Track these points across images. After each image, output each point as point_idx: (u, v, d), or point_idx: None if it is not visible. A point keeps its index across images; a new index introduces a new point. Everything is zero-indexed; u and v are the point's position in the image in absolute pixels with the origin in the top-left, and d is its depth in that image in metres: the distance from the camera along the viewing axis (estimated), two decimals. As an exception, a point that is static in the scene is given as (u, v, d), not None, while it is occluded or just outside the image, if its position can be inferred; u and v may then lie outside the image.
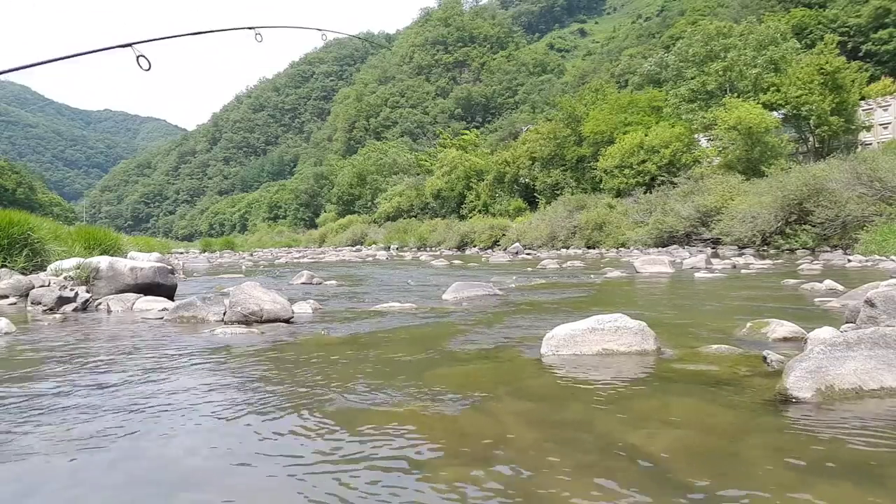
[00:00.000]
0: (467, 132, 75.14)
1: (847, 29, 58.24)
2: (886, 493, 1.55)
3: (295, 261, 22.98)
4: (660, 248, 24.85)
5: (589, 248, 29.78)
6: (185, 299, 5.47)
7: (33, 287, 6.01)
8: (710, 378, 2.83)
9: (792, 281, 8.47)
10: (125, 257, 8.19)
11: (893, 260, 12.87)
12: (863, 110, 44.26)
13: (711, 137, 38.84)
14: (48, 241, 7.78)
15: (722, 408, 2.32)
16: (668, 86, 50.37)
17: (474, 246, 38.36)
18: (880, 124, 45.80)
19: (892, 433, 1.97)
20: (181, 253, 31.65)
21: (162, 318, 5.14)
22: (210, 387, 2.75)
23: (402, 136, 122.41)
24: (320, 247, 55.91)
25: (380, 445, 1.93)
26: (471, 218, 49.71)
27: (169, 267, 7.35)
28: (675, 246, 25.23)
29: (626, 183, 39.35)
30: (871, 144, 41.96)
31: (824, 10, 61.51)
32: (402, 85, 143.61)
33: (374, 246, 47.19)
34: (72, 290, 5.74)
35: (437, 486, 1.61)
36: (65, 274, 6.26)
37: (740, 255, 19.09)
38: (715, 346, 3.49)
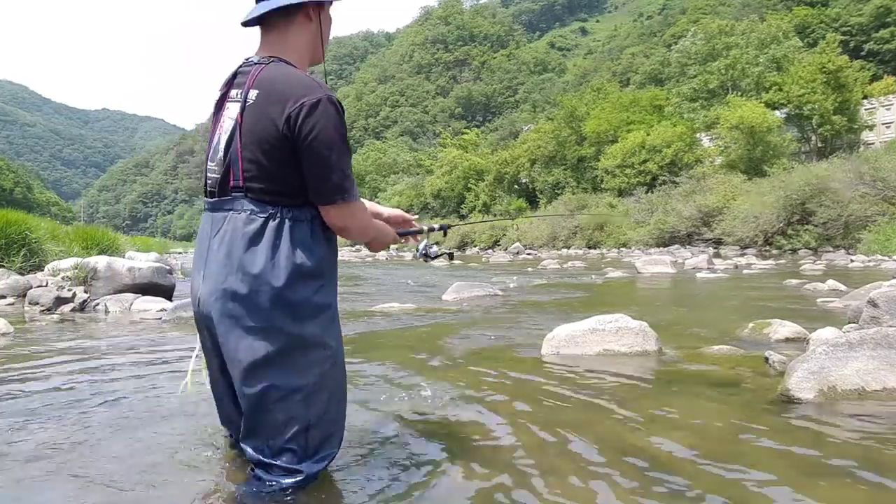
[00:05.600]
0: (467, 131, 74.99)
1: (849, 28, 58.18)
2: (887, 494, 1.53)
3: (295, 260, 22.93)
4: (661, 248, 24.82)
5: (590, 248, 29.76)
6: (183, 299, 5.45)
7: (31, 287, 5.98)
8: (712, 379, 2.81)
9: (794, 281, 8.45)
10: (123, 257, 8.17)
11: None
12: (865, 109, 44.14)
13: (713, 137, 38.80)
14: (46, 240, 7.73)
15: (724, 409, 2.29)
16: (670, 84, 50.36)
17: (474, 246, 38.32)
18: (883, 123, 45.69)
19: (895, 434, 1.95)
20: (179, 253, 31.56)
21: (160, 318, 5.11)
22: (208, 388, 2.71)
23: (402, 135, 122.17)
24: (320, 246, 55.84)
25: (380, 446, 1.90)
26: (471, 218, 49.65)
27: (167, 267, 7.34)
28: (676, 246, 25.22)
29: (628, 182, 39.27)
30: (873, 144, 41.83)
31: (826, 9, 61.44)
32: (402, 84, 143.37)
33: (374, 245, 47.13)
34: (69, 290, 5.71)
35: (439, 485, 1.59)
36: (62, 274, 6.23)
37: (742, 255, 19.07)
38: (717, 347, 3.47)
